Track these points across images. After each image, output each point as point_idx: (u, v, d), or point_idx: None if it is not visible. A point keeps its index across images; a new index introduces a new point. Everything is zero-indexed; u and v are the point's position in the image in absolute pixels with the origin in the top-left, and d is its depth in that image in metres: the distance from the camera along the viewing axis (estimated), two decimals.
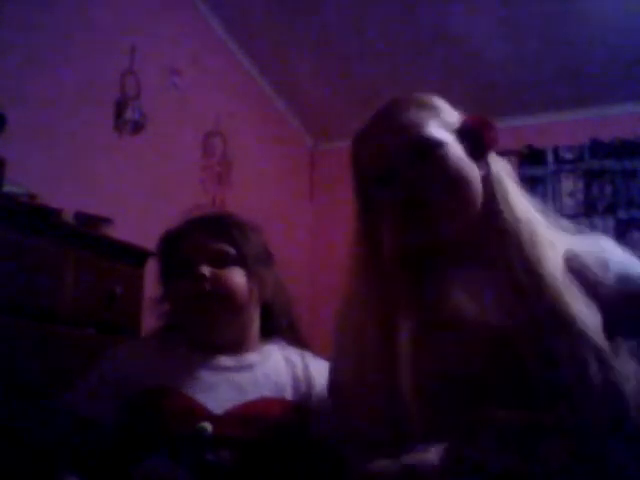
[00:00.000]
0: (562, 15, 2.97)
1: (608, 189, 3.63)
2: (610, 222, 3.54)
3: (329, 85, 3.65)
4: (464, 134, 0.93)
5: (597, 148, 3.69)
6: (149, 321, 1.42)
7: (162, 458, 1.01)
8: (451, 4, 2.95)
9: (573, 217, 3.62)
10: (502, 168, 0.95)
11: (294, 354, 1.23)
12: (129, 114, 2.42)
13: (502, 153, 0.98)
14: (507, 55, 3.27)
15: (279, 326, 1.28)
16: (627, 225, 3.50)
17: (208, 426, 1.03)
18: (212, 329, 1.18)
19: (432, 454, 0.75)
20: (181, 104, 2.79)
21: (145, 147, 2.52)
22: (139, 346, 1.23)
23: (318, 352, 1.25)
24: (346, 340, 0.96)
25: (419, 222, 0.88)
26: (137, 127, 2.46)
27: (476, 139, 0.93)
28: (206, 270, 1.15)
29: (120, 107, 2.41)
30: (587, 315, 0.79)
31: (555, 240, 0.89)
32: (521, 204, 0.91)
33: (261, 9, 3.03)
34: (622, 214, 3.54)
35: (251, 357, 1.19)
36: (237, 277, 1.18)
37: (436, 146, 0.89)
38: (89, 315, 1.63)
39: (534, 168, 3.75)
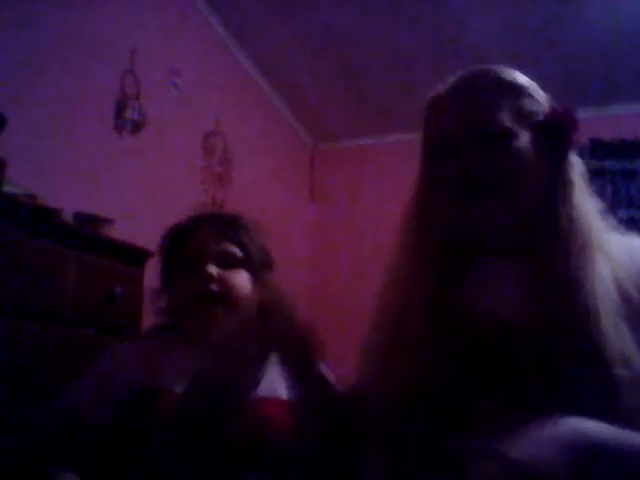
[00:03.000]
0: (562, 15, 2.97)
1: (608, 189, 3.63)
2: (610, 222, 3.53)
3: (329, 85, 3.65)
4: (546, 127, 0.89)
5: (597, 148, 3.69)
6: (149, 321, 1.41)
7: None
8: (451, 5, 2.95)
9: None
10: (575, 166, 0.91)
11: None
12: (129, 114, 2.43)
13: None
14: (507, 56, 3.26)
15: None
16: (627, 225, 3.49)
17: None
18: (212, 328, 1.18)
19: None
20: (181, 104, 2.79)
21: (145, 147, 2.52)
22: (135, 346, 1.23)
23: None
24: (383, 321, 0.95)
25: (470, 205, 0.86)
26: (137, 127, 2.47)
27: (558, 135, 0.89)
28: (213, 270, 1.15)
29: (120, 107, 2.41)
30: (617, 339, 0.76)
31: (610, 247, 0.86)
32: (583, 207, 0.88)
33: (261, 9, 3.03)
34: (622, 214, 3.54)
35: None
36: (243, 280, 1.18)
37: (503, 136, 0.86)
38: (89, 315, 1.63)
39: None
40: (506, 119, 0.87)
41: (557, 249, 0.83)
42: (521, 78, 0.93)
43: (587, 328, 0.77)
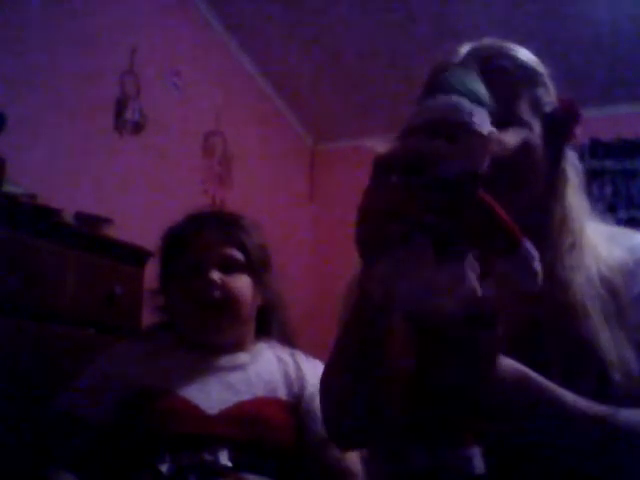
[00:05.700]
0: (562, 15, 2.97)
1: (608, 189, 3.62)
2: (610, 222, 3.53)
3: (329, 85, 3.65)
4: (552, 119, 0.86)
5: (597, 148, 3.68)
6: (149, 321, 1.42)
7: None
8: (452, 4, 2.95)
9: None
10: (571, 161, 0.89)
11: (285, 354, 1.23)
12: (129, 114, 2.43)
13: None
14: None
15: (271, 327, 1.28)
16: (627, 225, 3.48)
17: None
18: (212, 333, 1.18)
19: None
20: (181, 104, 2.79)
21: (145, 147, 2.52)
22: (134, 346, 1.23)
23: (316, 353, 1.24)
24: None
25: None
26: (137, 127, 2.47)
27: (560, 130, 0.86)
28: (216, 277, 1.15)
29: (120, 107, 2.41)
30: (609, 340, 0.74)
31: (596, 243, 0.84)
32: (575, 205, 0.86)
33: (261, 9, 3.03)
34: (622, 214, 3.53)
35: (243, 357, 1.19)
36: (245, 286, 1.18)
37: (519, 127, 0.82)
38: (89, 315, 1.63)
39: None
40: (524, 110, 0.83)
41: (546, 247, 0.78)
42: (538, 64, 0.90)
43: (577, 330, 0.75)
